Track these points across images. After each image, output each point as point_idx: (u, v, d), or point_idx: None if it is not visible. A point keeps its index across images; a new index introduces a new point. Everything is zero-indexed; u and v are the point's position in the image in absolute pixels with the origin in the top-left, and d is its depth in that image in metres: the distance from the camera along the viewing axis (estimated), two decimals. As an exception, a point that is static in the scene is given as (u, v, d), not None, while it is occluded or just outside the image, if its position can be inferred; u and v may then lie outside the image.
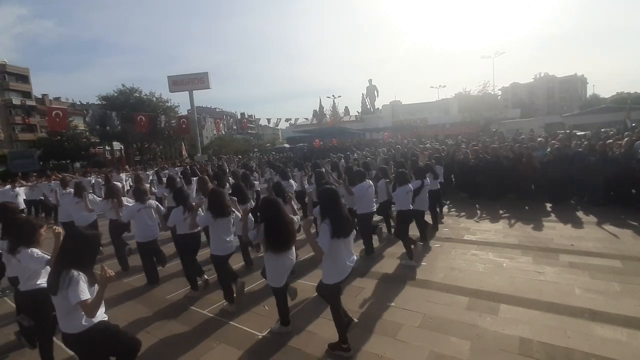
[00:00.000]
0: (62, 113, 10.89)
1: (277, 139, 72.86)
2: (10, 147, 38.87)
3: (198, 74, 31.05)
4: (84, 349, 2.34)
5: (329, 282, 3.09)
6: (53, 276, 2.26)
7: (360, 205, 5.62)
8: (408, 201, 5.39)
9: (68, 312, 2.25)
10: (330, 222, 2.95)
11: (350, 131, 29.53)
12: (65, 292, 2.17)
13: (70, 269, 2.23)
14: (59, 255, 2.37)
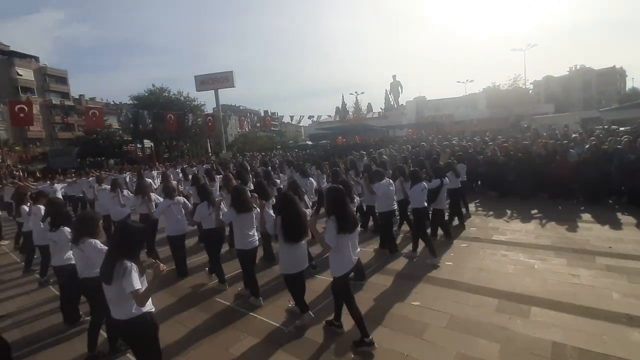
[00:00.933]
0: (98, 112, 11.54)
1: (300, 136, 73.28)
2: (51, 145, 41.44)
3: (223, 72, 31.74)
4: (132, 335, 2.51)
5: (337, 274, 3.28)
6: (107, 266, 2.40)
7: (381, 204, 5.67)
8: (423, 199, 5.44)
9: (120, 300, 2.40)
10: (336, 219, 3.14)
11: (373, 128, 29.25)
12: (120, 282, 2.33)
13: (124, 259, 2.38)
14: (112, 246, 2.52)
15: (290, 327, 3.68)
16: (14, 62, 42.27)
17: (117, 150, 38.61)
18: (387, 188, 5.59)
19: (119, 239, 2.50)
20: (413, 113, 37.97)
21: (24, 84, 42.79)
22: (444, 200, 6.02)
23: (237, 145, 49.68)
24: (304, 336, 3.50)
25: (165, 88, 38.12)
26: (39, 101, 41.44)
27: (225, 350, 3.36)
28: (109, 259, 2.43)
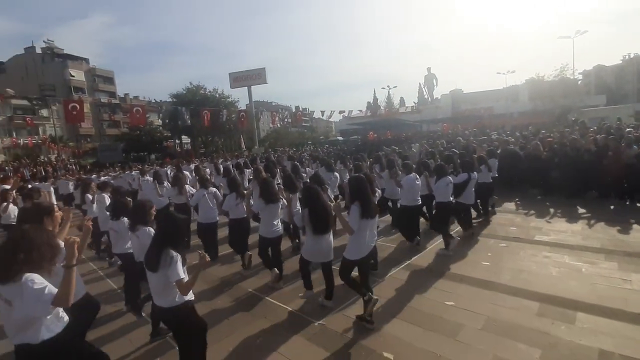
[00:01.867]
0: (141, 110, 12.38)
1: (331, 131, 73.23)
2: (100, 141, 44.53)
3: (256, 69, 32.40)
4: (174, 322, 2.65)
5: (350, 257, 3.52)
6: (153, 255, 2.49)
7: (405, 197, 5.71)
8: (448, 193, 5.43)
9: (164, 288, 2.51)
10: (360, 204, 3.39)
11: (406, 123, 28.60)
12: (166, 270, 2.43)
13: (169, 249, 2.48)
14: (157, 236, 2.67)
15: (320, 321, 3.73)
16: (68, 64, 45.76)
17: (158, 145, 40.75)
18: (413, 182, 5.63)
19: (163, 229, 2.64)
20: (448, 107, 36.62)
21: (76, 84, 46.22)
22: (470, 195, 5.96)
23: (269, 140, 50.61)
24: (332, 329, 3.54)
25: (201, 86, 39.65)
26: (89, 100, 44.63)
27: (255, 342, 3.47)
28: (155, 248, 2.54)
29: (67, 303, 1.96)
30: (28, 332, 1.98)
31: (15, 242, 1.98)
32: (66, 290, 1.93)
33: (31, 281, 1.89)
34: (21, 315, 1.92)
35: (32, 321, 1.97)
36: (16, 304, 1.89)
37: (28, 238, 2.01)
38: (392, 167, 6.46)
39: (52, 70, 44.73)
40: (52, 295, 1.90)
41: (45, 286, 1.91)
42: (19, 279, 1.89)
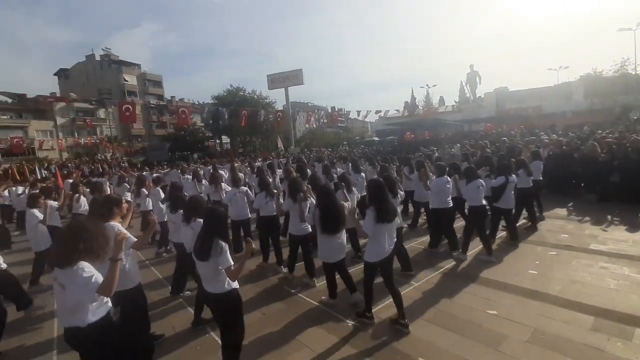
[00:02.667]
0: (187, 110, 13.15)
1: (366, 132, 72.44)
2: (149, 141, 47.65)
3: (293, 71, 32.96)
4: (223, 307, 2.79)
5: (369, 260, 3.52)
6: (203, 245, 2.67)
7: (435, 200, 5.55)
8: (479, 197, 5.21)
9: (214, 275, 2.70)
10: (375, 209, 3.36)
11: (446, 122, 27.52)
12: (217, 259, 2.62)
13: (218, 239, 2.66)
14: (205, 228, 2.83)
15: (354, 320, 3.71)
16: (122, 70, 49.50)
17: (200, 145, 42.77)
18: (444, 185, 5.44)
19: (210, 222, 2.80)
20: (492, 106, 34.72)
21: (129, 88, 49.84)
22: (510, 200, 5.65)
23: (305, 141, 51.16)
24: (367, 331, 3.50)
25: (241, 88, 41.00)
26: (140, 103, 47.93)
27: (295, 339, 3.50)
28: (205, 239, 2.71)
29: (109, 293, 2.15)
30: (76, 316, 2.18)
31: (76, 232, 2.20)
32: (110, 281, 2.12)
33: (82, 269, 2.10)
34: (71, 299, 2.13)
35: (80, 306, 2.17)
36: (68, 289, 2.11)
37: (87, 229, 2.23)
38: (421, 169, 6.30)
39: (108, 76, 48.64)
40: (97, 284, 2.09)
41: (93, 275, 2.11)
42: (74, 265, 2.09)
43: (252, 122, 21.52)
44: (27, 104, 39.77)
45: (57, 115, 40.66)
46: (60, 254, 2.16)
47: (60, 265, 2.14)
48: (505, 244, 5.79)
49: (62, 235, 2.26)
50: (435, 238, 5.74)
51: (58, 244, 2.23)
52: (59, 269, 2.15)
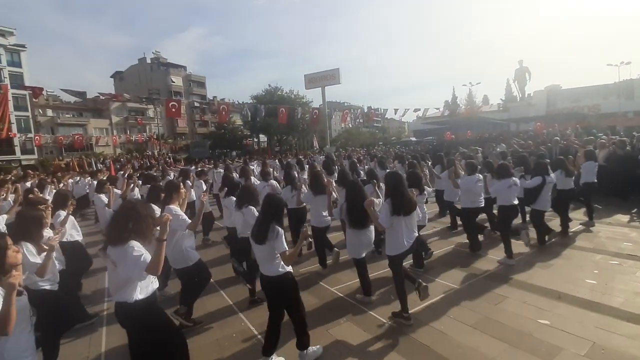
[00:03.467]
0: (226, 107, 13.75)
1: (403, 132, 70.81)
2: (192, 139, 50.14)
3: (330, 70, 32.85)
4: (279, 289, 2.88)
5: (389, 253, 3.55)
6: (261, 229, 2.81)
7: (465, 199, 5.44)
8: (510, 196, 4.98)
9: (270, 259, 2.82)
10: (391, 201, 3.39)
11: (491, 121, 26.07)
12: (273, 243, 2.74)
13: (275, 224, 2.78)
14: (263, 213, 2.94)
15: (390, 321, 3.60)
16: (170, 72, 52.53)
17: (239, 143, 44.30)
18: (474, 184, 5.30)
19: (268, 208, 2.92)
20: (542, 104, 32.33)
21: (176, 89, 52.73)
22: (547, 201, 5.34)
23: (340, 140, 51.07)
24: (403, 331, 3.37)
25: (278, 87, 41.83)
26: (185, 103, 50.60)
27: (326, 331, 3.49)
28: (262, 224, 2.85)
29: (156, 272, 2.23)
30: (126, 292, 2.29)
31: (127, 213, 2.33)
32: (157, 261, 2.20)
33: (132, 248, 2.21)
34: (122, 276, 2.26)
35: (129, 282, 2.29)
36: (119, 266, 2.24)
37: (137, 210, 2.35)
38: (450, 167, 6.15)
39: (158, 77, 51.81)
40: (146, 263, 2.18)
41: (142, 254, 2.21)
42: (125, 244, 2.21)
43: (288, 120, 21.84)
44: (87, 104, 43.61)
45: (112, 115, 44.17)
46: (112, 233, 2.30)
47: (112, 243, 2.28)
48: (559, 248, 5.33)
49: (114, 215, 2.42)
50: (472, 239, 5.48)
51: (111, 223, 2.37)
52: (112, 247, 2.28)
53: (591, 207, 6.55)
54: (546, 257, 5.08)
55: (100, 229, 6.52)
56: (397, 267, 3.57)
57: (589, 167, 6.60)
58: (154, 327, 2.40)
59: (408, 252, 3.58)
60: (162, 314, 2.56)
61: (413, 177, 4.44)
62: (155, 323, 2.42)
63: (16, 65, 36.04)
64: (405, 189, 3.51)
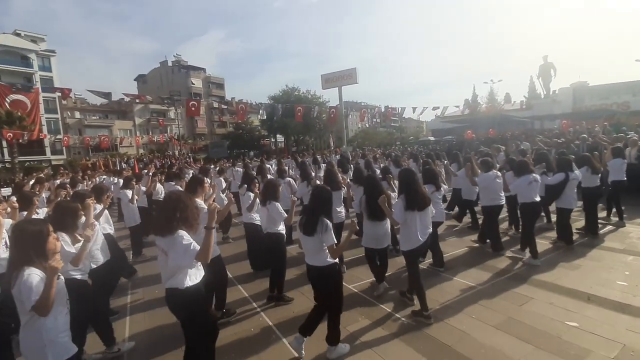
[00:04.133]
0: (244, 107, 14.00)
1: (421, 131, 69.72)
2: (210, 139, 51.14)
3: (347, 70, 32.70)
4: (323, 279, 2.96)
5: (404, 249, 3.59)
6: (309, 221, 2.88)
7: (484, 197, 5.33)
8: (531, 193, 4.79)
9: (317, 250, 2.89)
10: (405, 197, 3.47)
11: (514, 119, 25.25)
12: (321, 235, 2.81)
13: (324, 217, 2.85)
14: (314, 205, 2.98)
15: (408, 319, 3.55)
16: (190, 74, 53.77)
17: (256, 143, 44.86)
18: (492, 180, 5.19)
19: (318, 201, 2.97)
20: (568, 101, 31.04)
21: (196, 90, 53.90)
22: (572, 199, 5.14)
23: (357, 140, 50.83)
24: (422, 329, 3.31)
25: (296, 88, 42.07)
26: (204, 104, 51.63)
27: (343, 328, 3.45)
28: (311, 216, 2.91)
29: (206, 258, 2.34)
30: (177, 279, 2.38)
31: (174, 204, 2.41)
32: (206, 248, 2.31)
33: (181, 237, 2.31)
34: (173, 264, 2.35)
35: (180, 270, 2.38)
36: (170, 254, 2.33)
37: (183, 201, 2.44)
38: (467, 164, 5.99)
39: (178, 80, 53.14)
40: (196, 251, 2.28)
41: (191, 243, 2.31)
42: (174, 233, 2.30)
43: (305, 119, 21.93)
44: (112, 106, 45.28)
45: (135, 116, 45.65)
46: (160, 224, 2.38)
47: (162, 233, 2.36)
48: (587, 249, 5.11)
49: (161, 207, 2.49)
50: (494, 238, 5.34)
51: (158, 215, 2.47)
52: (161, 237, 2.36)
53: (619, 206, 6.25)
54: (574, 257, 4.88)
55: (124, 226, 6.70)
56: (413, 264, 3.62)
57: (617, 164, 6.29)
58: (203, 312, 2.50)
59: (423, 247, 3.62)
60: (207, 302, 2.67)
61: (429, 173, 4.57)
62: (204, 309, 2.52)
63: (46, 69, 37.86)
64: (419, 185, 3.59)
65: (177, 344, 3.33)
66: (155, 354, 3.25)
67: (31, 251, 1.94)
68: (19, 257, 1.95)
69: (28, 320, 1.92)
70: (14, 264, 1.95)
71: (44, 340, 1.91)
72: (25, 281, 1.85)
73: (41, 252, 1.98)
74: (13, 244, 2.04)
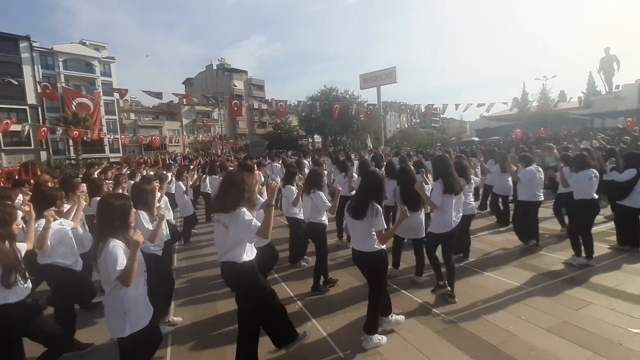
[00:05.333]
0: (283, 105, 14.37)
1: (464, 132, 66.66)
2: (251, 139, 52.85)
3: (386, 69, 32.16)
4: (370, 264, 2.97)
5: (434, 231, 3.73)
6: (359, 204, 2.88)
7: (522, 192, 5.21)
8: (590, 189, 4.47)
9: (365, 235, 2.89)
10: (442, 181, 3.57)
11: (570, 116, 23.28)
12: (370, 220, 2.80)
13: (374, 202, 2.83)
14: (364, 189, 2.97)
15: (448, 316, 3.40)
16: (233, 77, 56.08)
17: (294, 143, 45.62)
18: (533, 175, 5.08)
19: (368, 185, 2.97)
20: (634, 98, 28.00)
21: (238, 92, 56.05)
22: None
23: (395, 141, 49.82)
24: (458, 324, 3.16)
25: (334, 88, 42.16)
26: (245, 105, 53.48)
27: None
28: (361, 200, 2.90)
29: (266, 235, 2.43)
30: (235, 252, 2.49)
31: (237, 183, 2.54)
32: (267, 225, 2.40)
33: (243, 213, 2.44)
34: (233, 238, 2.47)
35: (239, 244, 2.49)
36: (231, 229, 2.45)
37: (243, 180, 2.58)
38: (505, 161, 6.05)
39: (222, 82, 55.65)
40: (257, 226, 2.39)
41: (252, 219, 2.43)
42: (236, 209, 2.44)
43: (343, 119, 21.88)
44: (162, 108, 48.51)
45: (183, 117, 48.49)
46: (223, 201, 2.51)
47: (224, 210, 2.49)
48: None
49: (224, 185, 2.60)
50: (525, 229, 5.29)
51: (220, 192, 2.58)
52: (223, 213, 2.50)
53: None
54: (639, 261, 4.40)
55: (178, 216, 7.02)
56: (433, 244, 3.82)
57: None
58: (257, 287, 2.59)
59: (454, 232, 3.68)
60: (263, 277, 2.77)
61: (458, 166, 4.51)
62: (258, 284, 2.60)
63: (107, 75, 41.46)
64: (453, 170, 3.69)
65: (221, 325, 3.50)
66: (199, 333, 3.43)
67: (117, 222, 2.14)
68: (105, 228, 2.14)
69: (112, 289, 2.11)
70: (100, 235, 2.15)
71: (125, 307, 2.09)
72: (110, 252, 2.03)
73: (125, 224, 2.19)
74: (100, 216, 2.22)
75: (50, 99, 28.30)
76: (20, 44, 34.32)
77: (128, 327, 2.09)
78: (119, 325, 2.10)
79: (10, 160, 28.69)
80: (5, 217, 2.15)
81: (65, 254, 3.06)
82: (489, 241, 5.73)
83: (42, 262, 2.99)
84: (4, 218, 2.15)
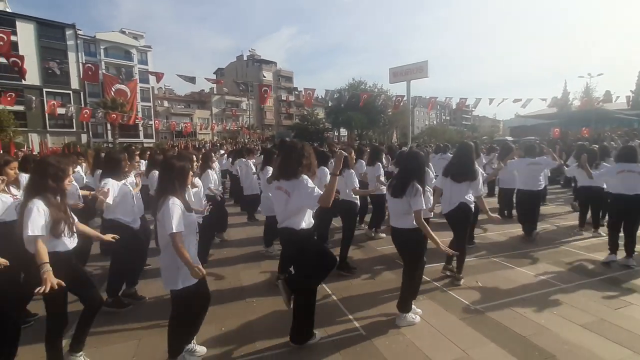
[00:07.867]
0: (311, 93, 14.40)
1: (497, 131, 63.99)
2: (277, 130, 53.46)
3: (417, 63, 31.08)
4: (407, 241, 3.00)
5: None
6: (399, 183, 2.94)
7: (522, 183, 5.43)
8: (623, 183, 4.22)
9: (404, 213, 2.93)
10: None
11: (615, 116, 21.78)
12: (409, 198, 2.83)
13: (415, 182, 2.85)
14: (406, 168, 3.02)
15: (474, 305, 3.31)
16: (262, 68, 56.71)
17: (320, 135, 45.66)
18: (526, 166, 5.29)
19: (411, 164, 2.98)
20: (692, 99, 25.71)
21: (266, 82, 56.44)
22: None
23: (423, 137, 48.62)
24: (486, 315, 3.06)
25: (362, 81, 41.67)
26: (273, 96, 54.06)
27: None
28: (402, 178, 2.96)
29: (328, 203, 2.47)
30: (294, 219, 2.58)
31: (299, 152, 2.63)
32: (329, 193, 2.45)
33: (306, 180, 2.52)
34: (295, 204, 2.55)
35: (300, 211, 2.58)
36: (293, 196, 2.54)
37: (307, 150, 2.67)
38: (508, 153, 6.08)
39: (252, 73, 56.43)
40: (318, 194, 2.45)
41: (314, 187, 2.51)
42: (299, 177, 2.52)
43: (370, 112, 21.55)
44: (194, 97, 49.96)
45: (213, 106, 49.73)
46: (286, 168, 2.60)
47: (286, 177, 2.59)
48: None
49: (287, 153, 2.68)
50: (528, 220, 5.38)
51: (282, 162, 2.67)
52: (285, 180, 2.60)
53: None
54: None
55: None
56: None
57: None
58: (311, 253, 2.66)
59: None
60: (318, 244, 2.91)
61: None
62: (312, 251, 2.68)
63: (144, 63, 43.10)
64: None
65: (241, 296, 3.59)
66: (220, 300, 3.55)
67: (176, 181, 2.29)
68: (165, 186, 2.29)
69: (167, 244, 2.24)
70: (160, 192, 2.30)
71: (179, 263, 2.20)
72: (169, 208, 2.16)
73: (184, 183, 2.35)
74: (162, 175, 2.39)
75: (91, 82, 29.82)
76: (66, 32, 36.41)
77: (180, 281, 2.25)
78: (173, 278, 2.26)
79: (54, 141, 30.62)
80: (58, 173, 2.30)
81: (126, 211, 3.38)
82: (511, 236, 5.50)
83: (106, 216, 3.37)
84: (57, 174, 2.30)
